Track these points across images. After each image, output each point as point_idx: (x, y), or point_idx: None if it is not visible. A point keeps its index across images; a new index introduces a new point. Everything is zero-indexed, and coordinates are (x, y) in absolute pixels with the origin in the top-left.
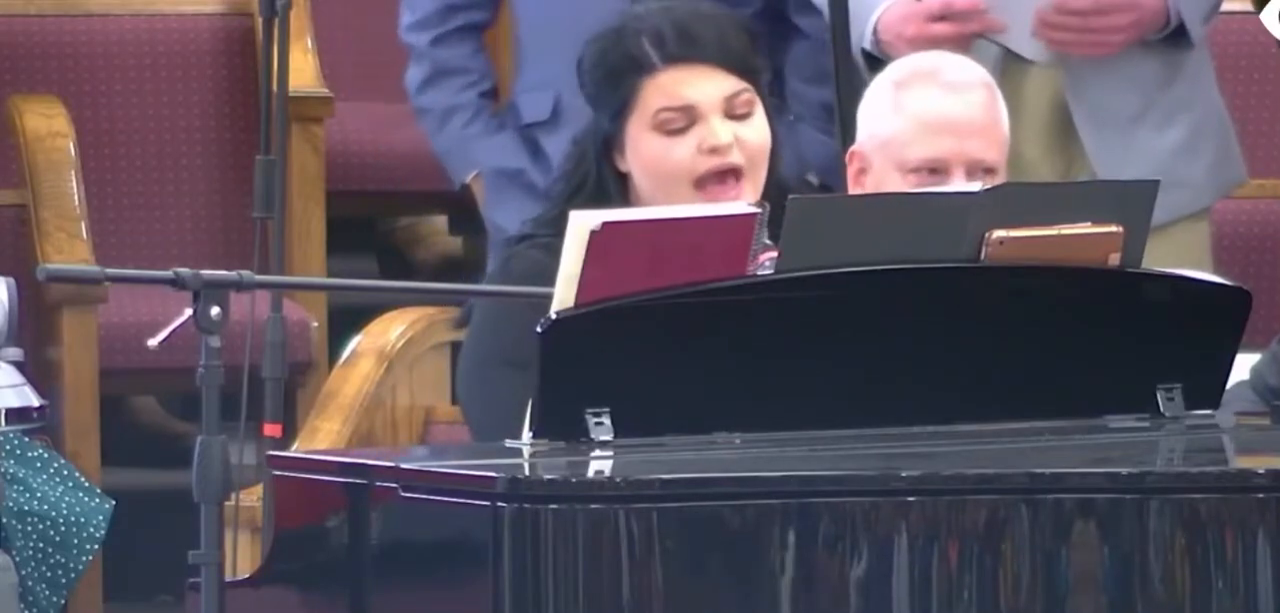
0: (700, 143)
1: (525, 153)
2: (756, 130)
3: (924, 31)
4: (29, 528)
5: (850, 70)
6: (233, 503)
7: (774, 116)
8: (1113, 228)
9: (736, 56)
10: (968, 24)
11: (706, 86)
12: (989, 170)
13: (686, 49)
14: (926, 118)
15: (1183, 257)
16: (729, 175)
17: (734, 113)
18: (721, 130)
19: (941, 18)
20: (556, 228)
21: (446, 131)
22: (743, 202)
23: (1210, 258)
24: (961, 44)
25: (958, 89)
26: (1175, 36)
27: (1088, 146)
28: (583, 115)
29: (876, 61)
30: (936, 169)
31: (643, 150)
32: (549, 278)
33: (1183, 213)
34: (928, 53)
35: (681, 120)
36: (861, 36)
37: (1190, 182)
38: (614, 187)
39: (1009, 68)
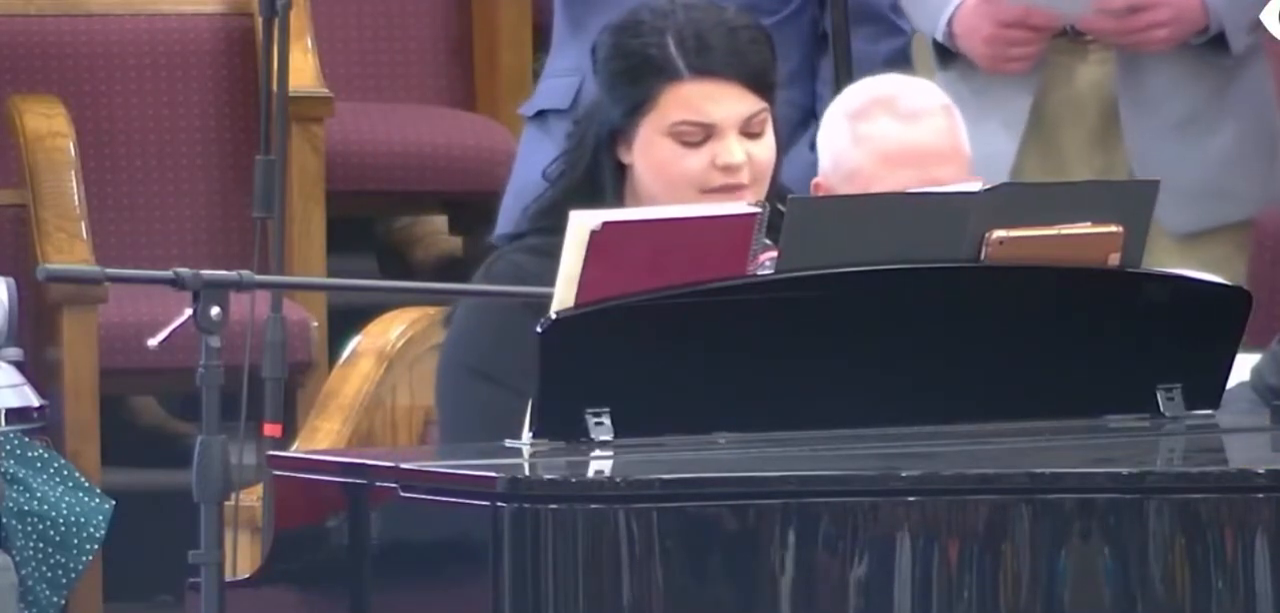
0: (714, 158)
1: None
2: (766, 148)
3: (1000, 34)
4: (29, 528)
5: (850, 72)
6: (233, 503)
7: (780, 129)
8: (1113, 228)
9: (757, 74)
10: (1042, 35)
11: (728, 106)
12: None
13: (710, 61)
14: (887, 150)
15: (1218, 266)
16: (737, 188)
17: (749, 131)
18: (736, 150)
19: (1017, 25)
20: (549, 220)
21: None
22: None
23: (1244, 270)
24: (1036, 47)
25: (915, 117)
26: (1215, 44)
27: (1131, 147)
28: None
29: (949, 55)
30: None
31: (654, 154)
32: (529, 281)
33: (1224, 222)
34: (883, 78)
35: (699, 135)
36: (934, 27)
37: (1234, 192)
38: (610, 177)
39: (1057, 62)
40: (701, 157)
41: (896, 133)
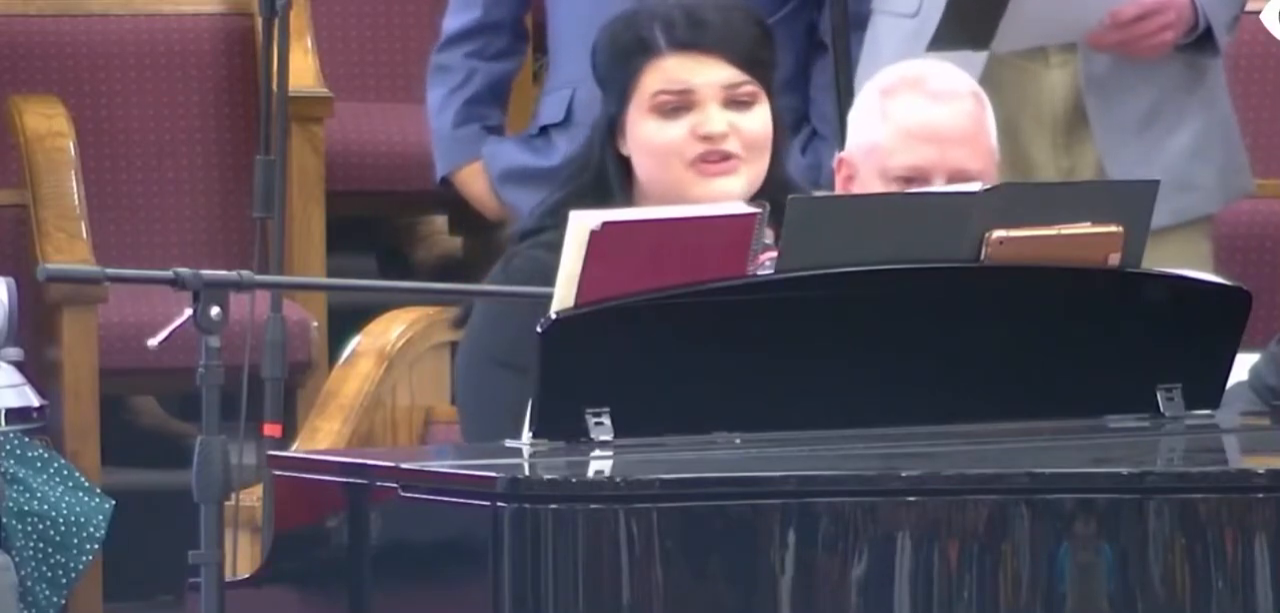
0: (694, 128)
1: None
2: (755, 120)
3: None
4: (29, 528)
5: (850, 72)
6: (233, 503)
7: (781, 119)
8: (1113, 228)
9: (743, 48)
10: None
11: (707, 73)
12: (972, 181)
13: (693, 35)
14: (910, 127)
15: (1185, 261)
16: (723, 157)
17: (733, 102)
18: (716, 118)
19: None
20: (560, 218)
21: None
22: (738, 181)
23: (1211, 264)
24: None
25: (943, 98)
26: (1201, 42)
27: (1100, 145)
28: (594, 114)
29: None
30: (916, 178)
31: (640, 133)
32: (550, 276)
33: (1190, 217)
34: (919, 61)
35: (678, 103)
36: None
37: (1200, 185)
38: (615, 171)
39: (1020, 67)
40: (681, 126)
41: (921, 109)
